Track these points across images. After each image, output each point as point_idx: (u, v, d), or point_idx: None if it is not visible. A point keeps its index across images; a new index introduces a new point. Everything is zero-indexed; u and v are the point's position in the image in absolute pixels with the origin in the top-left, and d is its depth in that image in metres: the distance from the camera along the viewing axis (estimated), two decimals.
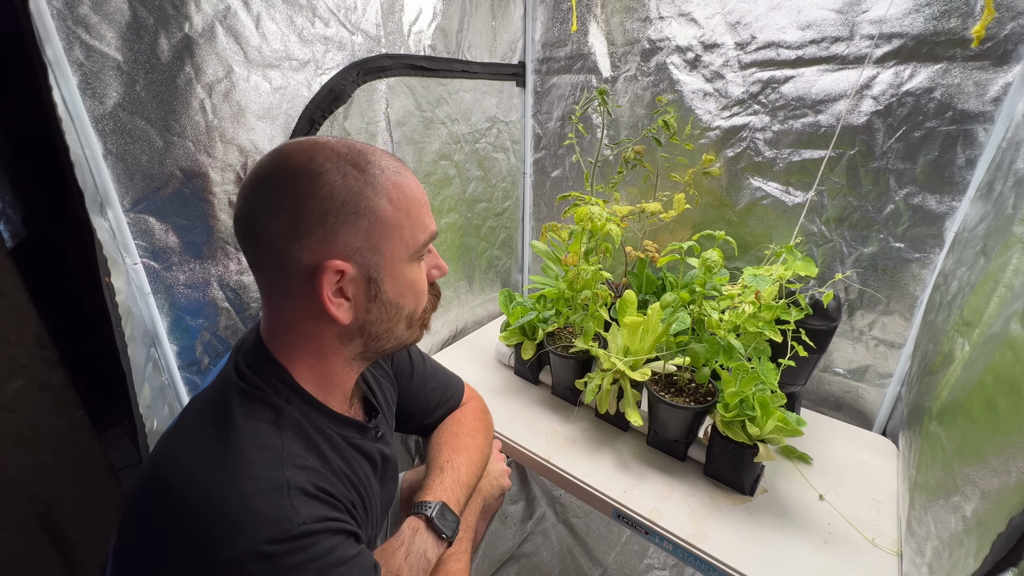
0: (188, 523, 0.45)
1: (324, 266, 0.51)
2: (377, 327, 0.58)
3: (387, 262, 0.55)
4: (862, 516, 0.84)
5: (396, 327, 0.60)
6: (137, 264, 0.77)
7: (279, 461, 0.50)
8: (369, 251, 0.53)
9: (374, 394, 0.74)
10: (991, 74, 0.84)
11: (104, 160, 0.71)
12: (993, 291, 0.61)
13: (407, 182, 0.57)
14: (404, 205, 0.55)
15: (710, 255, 0.86)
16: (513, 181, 1.58)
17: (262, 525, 0.45)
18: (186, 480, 0.48)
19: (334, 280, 0.52)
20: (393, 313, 0.58)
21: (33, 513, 0.89)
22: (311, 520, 0.48)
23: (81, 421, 0.92)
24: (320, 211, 0.50)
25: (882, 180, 0.98)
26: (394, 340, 0.61)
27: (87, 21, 0.67)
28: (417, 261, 0.59)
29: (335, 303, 0.53)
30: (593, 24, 1.31)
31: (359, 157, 0.54)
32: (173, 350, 0.85)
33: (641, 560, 1.43)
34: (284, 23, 0.88)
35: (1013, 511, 0.46)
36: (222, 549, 0.43)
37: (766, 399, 0.81)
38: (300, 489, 0.49)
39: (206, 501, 0.46)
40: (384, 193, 0.54)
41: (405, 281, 0.58)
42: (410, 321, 0.61)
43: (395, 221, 0.54)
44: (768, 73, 1.06)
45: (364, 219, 0.52)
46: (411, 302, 0.59)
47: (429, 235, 0.59)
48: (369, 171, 0.53)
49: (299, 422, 0.56)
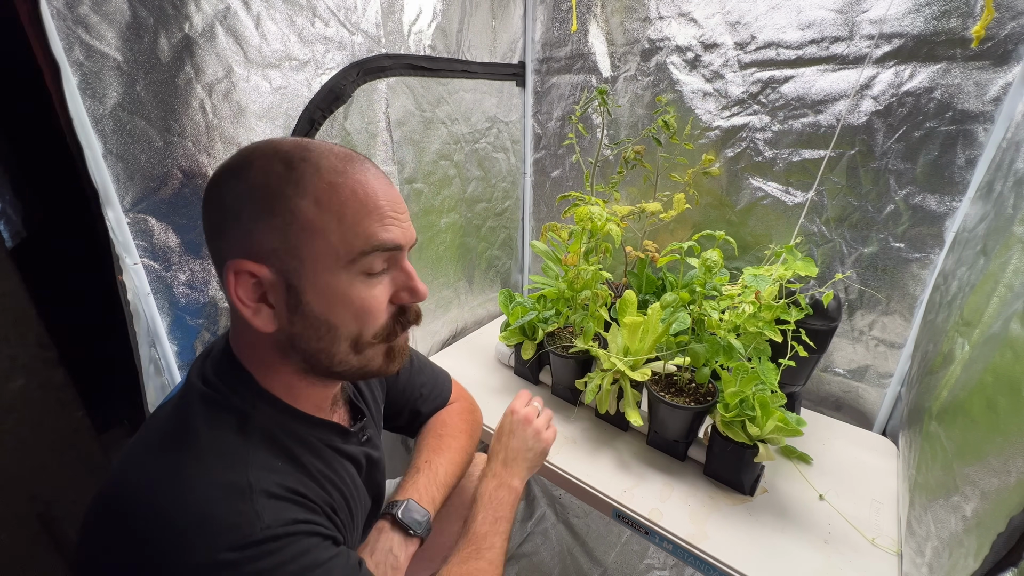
0: (146, 536, 0.42)
1: (231, 265, 0.48)
2: (308, 344, 0.51)
3: (309, 270, 0.49)
4: (862, 516, 0.84)
5: (334, 348, 0.52)
6: (137, 264, 0.77)
7: (243, 466, 0.47)
8: (286, 254, 0.48)
9: (362, 397, 0.72)
10: (991, 74, 0.84)
11: (104, 160, 0.71)
12: (993, 291, 0.61)
13: (351, 182, 0.50)
14: (336, 207, 0.49)
15: (710, 255, 0.86)
16: (513, 181, 1.58)
17: (221, 532, 0.42)
18: (143, 492, 0.45)
19: (248, 281, 0.49)
20: (324, 331, 0.51)
21: (33, 513, 0.89)
22: (277, 524, 0.45)
23: (81, 421, 0.92)
24: (236, 207, 0.48)
25: (882, 180, 0.98)
26: (345, 365, 0.53)
27: (87, 21, 0.66)
28: (357, 274, 0.51)
29: (252, 308, 0.49)
30: (593, 24, 1.31)
31: (297, 154, 0.50)
32: (173, 350, 0.85)
33: (641, 560, 1.43)
34: (284, 23, 0.88)
35: (1013, 511, 0.46)
36: (181, 561, 0.41)
37: (766, 399, 0.81)
38: (265, 492, 0.46)
39: (163, 512, 0.43)
40: (309, 192, 0.48)
41: (336, 295, 0.50)
42: (356, 345, 0.53)
43: (319, 224, 0.48)
44: (768, 73, 1.06)
45: (279, 219, 0.48)
46: (349, 322, 0.51)
47: (373, 245, 0.50)
48: (299, 168, 0.49)
49: (267, 427, 0.52)
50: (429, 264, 1.36)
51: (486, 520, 0.70)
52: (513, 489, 0.74)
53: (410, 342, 1.36)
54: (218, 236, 0.50)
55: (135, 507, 0.44)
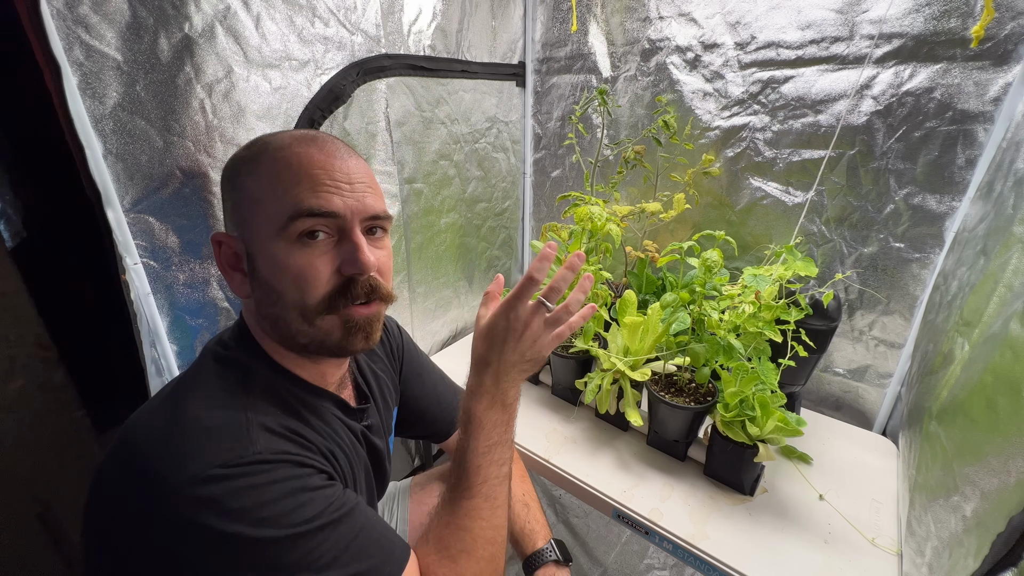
0: (146, 456, 0.45)
1: (212, 237, 0.56)
2: (266, 310, 0.55)
3: (257, 238, 0.53)
4: (862, 516, 0.84)
5: (286, 316, 0.54)
6: (137, 264, 0.77)
7: (242, 407, 0.50)
8: (242, 225, 0.54)
9: (369, 386, 0.74)
10: (991, 74, 0.84)
11: (104, 160, 0.71)
12: (993, 291, 0.61)
13: (286, 155, 0.53)
14: (271, 178, 0.53)
15: (710, 255, 0.86)
16: (513, 181, 1.58)
17: (215, 452, 0.45)
18: (148, 425, 0.48)
19: (226, 252, 0.56)
20: (274, 298, 0.54)
21: (33, 513, 0.89)
22: (269, 451, 0.47)
23: (81, 421, 0.92)
24: (221, 189, 0.58)
25: (882, 180, 0.98)
26: (304, 336, 0.55)
27: (87, 21, 0.66)
28: (294, 242, 0.52)
29: (228, 274, 0.56)
30: (593, 24, 1.31)
31: (260, 141, 0.56)
32: (173, 350, 0.85)
33: (641, 560, 1.43)
34: (284, 23, 0.88)
35: (1013, 511, 0.46)
36: (175, 476, 0.43)
37: (766, 399, 0.81)
38: (262, 425, 0.49)
39: (162, 435, 0.46)
40: (254, 168, 0.54)
41: (276, 262, 0.52)
42: (304, 314, 0.54)
43: (257, 195, 0.53)
44: (768, 73, 1.06)
45: (236, 192, 0.55)
46: (290, 289, 0.53)
47: (297, 210, 0.51)
48: (254, 148, 0.55)
49: (272, 383, 0.56)
50: (429, 264, 1.36)
51: (477, 450, 0.59)
52: (508, 407, 0.62)
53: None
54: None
55: (138, 438, 0.48)
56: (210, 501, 0.43)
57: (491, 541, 0.58)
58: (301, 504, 0.47)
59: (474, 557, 0.56)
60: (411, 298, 1.34)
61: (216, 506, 0.43)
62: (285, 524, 0.45)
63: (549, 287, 0.60)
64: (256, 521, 0.44)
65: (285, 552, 0.44)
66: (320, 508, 0.48)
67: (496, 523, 0.59)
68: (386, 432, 0.77)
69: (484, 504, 0.58)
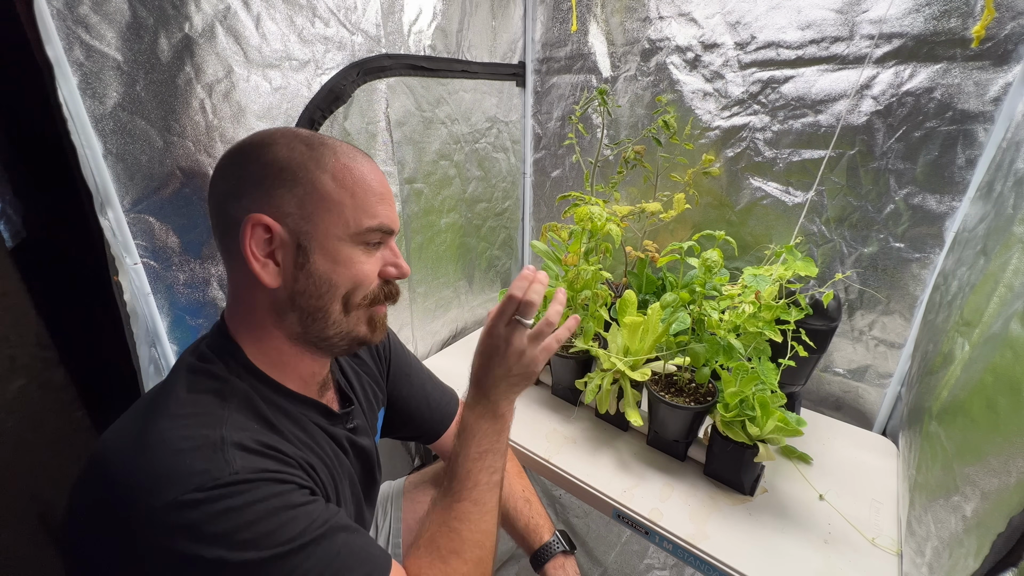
0: (117, 482, 0.44)
1: (249, 218, 0.52)
2: (308, 301, 0.56)
3: (320, 234, 0.54)
4: (862, 516, 0.84)
5: (330, 307, 0.57)
6: (137, 264, 0.77)
7: (217, 424, 0.49)
8: (302, 219, 0.54)
9: (352, 387, 0.74)
10: (991, 74, 0.84)
11: (104, 160, 0.71)
12: (993, 291, 0.61)
13: (360, 168, 0.57)
14: (350, 185, 0.55)
15: (710, 255, 0.86)
16: (513, 181, 1.58)
17: (190, 475, 0.44)
18: (118, 447, 0.47)
19: (262, 237, 0.53)
20: (325, 289, 0.56)
21: (33, 513, 0.89)
22: (247, 471, 0.46)
23: (81, 421, 0.92)
24: (260, 174, 0.53)
25: (882, 180, 0.98)
26: (333, 325, 0.58)
27: (87, 21, 0.66)
28: (360, 245, 0.57)
29: (260, 262, 0.53)
30: (593, 24, 1.31)
31: (315, 138, 0.56)
32: (173, 350, 0.85)
33: (641, 560, 1.43)
34: (284, 23, 0.88)
35: (1013, 511, 0.46)
36: (150, 502, 0.42)
37: (766, 399, 0.81)
38: (237, 444, 0.48)
39: (134, 460, 0.45)
40: (328, 169, 0.55)
41: (340, 258, 0.56)
42: (347, 304, 0.57)
43: (335, 197, 0.55)
44: (768, 73, 1.06)
45: (300, 188, 0.54)
46: (347, 282, 0.57)
47: (377, 224, 0.57)
48: (319, 150, 0.55)
49: (249, 395, 0.55)
50: (429, 264, 1.36)
51: (468, 456, 0.63)
52: (499, 417, 0.66)
53: (410, 345, 1.36)
54: (234, 200, 0.54)
55: (110, 460, 0.47)
56: (188, 527, 0.42)
57: (479, 544, 0.59)
58: (283, 523, 0.46)
59: (463, 558, 0.58)
60: (411, 298, 1.34)
61: (194, 532, 0.42)
62: (267, 545, 0.44)
63: (522, 302, 0.63)
64: (237, 544, 0.43)
65: (269, 574, 0.44)
66: (302, 526, 0.47)
67: (484, 528, 0.61)
68: (372, 433, 0.77)
69: (473, 508, 0.61)
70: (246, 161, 0.54)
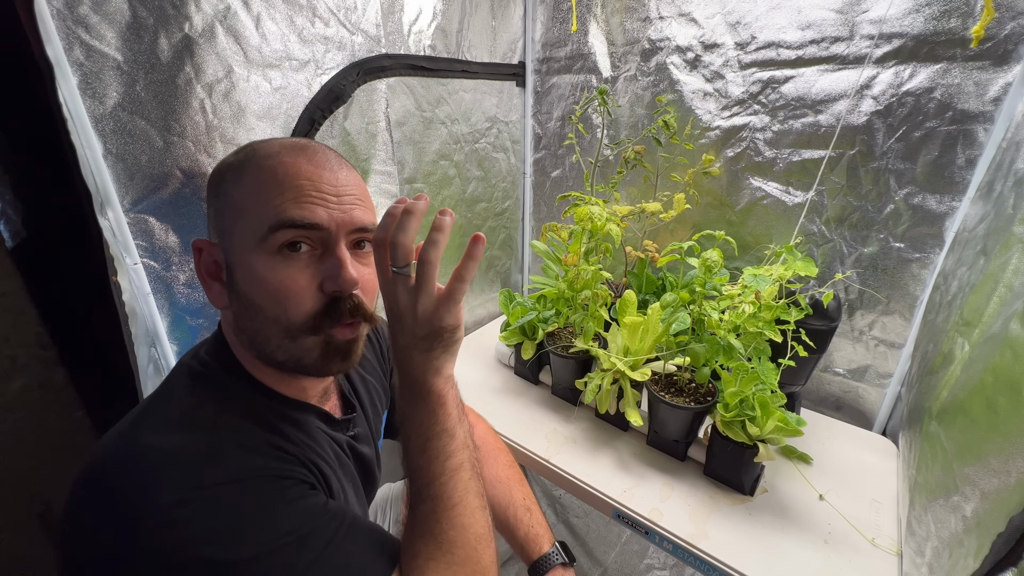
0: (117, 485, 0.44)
1: (193, 243, 0.54)
2: (244, 324, 0.52)
3: (236, 248, 0.51)
4: (862, 516, 0.84)
5: (266, 330, 0.51)
6: (137, 264, 0.77)
7: (215, 425, 0.48)
8: (223, 234, 0.52)
9: (356, 393, 0.73)
10: (991, 74, 0.84)
11: (104, 160, 0.71)
12: (993, 291, 0.61)
13: (271, 164, 0.51)
14: (256, 186, 0.50)
15: (710, 255, 0.86)
16: (513, 181, 1.58)
17: (186, 475, 0.43)
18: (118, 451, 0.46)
19: (207, 260, 0.54)
20: (252, 312, 0.51)
21: (33, 513, 0.89)
22: (242, 470, 0.46)
23: (81, 421, 0.92)
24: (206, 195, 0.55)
25: (882, 180, 0.98)
26: (279, 350, 0.52)
27: (87, 21, 0.67)
28: (274, 253, 0.50)
29: (207, 283, 0.54)
30: (593, 24, 1.31)
31: (251, 146, 0.54)
32: (173, 350, 0.85)
33: (641, 560, 1.43)
34: (284, 23, 0.88)
35: (1013, 511, 0.46)
36: (146, 503, 0.42)
37: (766, 399, 0.81)
38: (236, 443, 0.48)
39: (133, 463, 0.44)
40: (239, 176, 0.52)
41: (255, 274, 0.50)
42: (288, 331, 0.51)
43: (240, 204, 0.50)
44: (768, 73, 1.06)
45: (219, 200, 0.53)
46: (270, 304, 0.50)
47: (278, 220, 0.49)
48: (241, 155, 0.53)
49: (249, 400, 0.54)
50: None
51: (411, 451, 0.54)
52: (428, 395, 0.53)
53: None
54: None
55: (108, 462, 0.46)
56: (181, 525, 0.41)
57: (456, 544, 0.51)
58: (275, 520, 0.45)
59: (442, 563, 0.51)
60: None
61: (189, 530, 0.41)
62: (258, 542, 0.43)
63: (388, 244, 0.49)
64: (228, 542, 0.42)
65: (263, 570, 0.43)
66: (299, 521, 0.46)
67: (459, 523, 0.52)
68: (375, 438, 0.76)
69: (437, 506, 0.52)
70: None
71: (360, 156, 1.08)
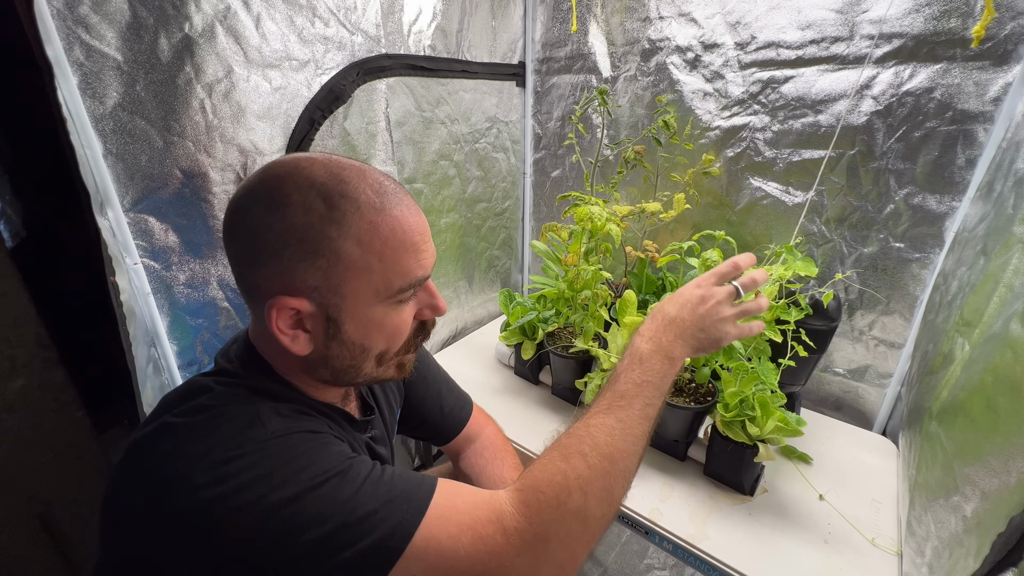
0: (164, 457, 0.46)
1: (274, 302, 0.49)
2: (341, 363, 0.55)
3: (350, 304, 0.51)
4: (862, 516, 0.84)
5: (363, 364, 0.56)
6: (137, 264, 0.77)
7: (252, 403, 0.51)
8: (328, 291, 0.50)
9: (373, 395, 0.74)
10: (991, 74, 0.84)
11: (104, 160, 0.71)
12: (993, 291, 0.61)
13: (387, 222, 0.51)
14: (378, 248, 0.50)
15: (710, 255, 0.86)
16: (513, 181, 1.58)
17: (230, 438, 0.46)
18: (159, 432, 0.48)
19: (289, 315, 0.50)
20: (358, 352, 0.55)
21: (33, 513, 0.89)
22: (282, 430, 0.48)
23: (81, 421, 0.92)
24: (276, 245, 0.48)
25: (882, 180, 0.98)
26: (363, 376, 0.58)
27: (87, 21, 0.66)
28: (394, 305, 0.54)
29: (290, 335, 0.51)
30: (593, 24, 1.31)
31: (335, 188, 0.49)
32: (173, 350, 0.85)
33: (641, 560, 1.43)
34: (284, 23, 0.88)
35: (1013, 511, 0.46)
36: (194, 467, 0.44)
37: (766, 399, 0.81)
38: (275, 411, 0.50)
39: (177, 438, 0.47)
40: (352, 234, 0.49)
41: (373, 324, 0.54)
42: (380, 360, 0.57)
43: (362, 264, 0.50)
44: (768, 73, 1.06)
45: (323, 259, 0.49)
46: (381, 343, 0.55)
47: (410, 281, 0.53)
48: (340, 207, 0.49)
49: (278, 392, 0.56)
50: None
51: (631, 379, 0.59)
52: (672, 360, 0.62)
53: None
54: (254, 266, 0.51)
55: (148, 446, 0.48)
56: (229, 478, 0.43)
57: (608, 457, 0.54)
58: (318, 459, 0.47)
59: (587, 462, 0.52)
60: None
61: (235, 481, 0.43)
62: (305, 479, 0.45)
63: (750, 277, 0.65)
64: (276, 484, 0.44)
65: (310, 504, 0.44)
66: (337, 460, 0.48)
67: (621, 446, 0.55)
68: (390, 437, 0.77)
69: (617, 424, 0.56)
70: (257, 225, 0.49)
71: (360, 156, 1.08)
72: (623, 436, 0.56)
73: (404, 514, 0.46)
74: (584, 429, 0.56)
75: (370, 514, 0.45)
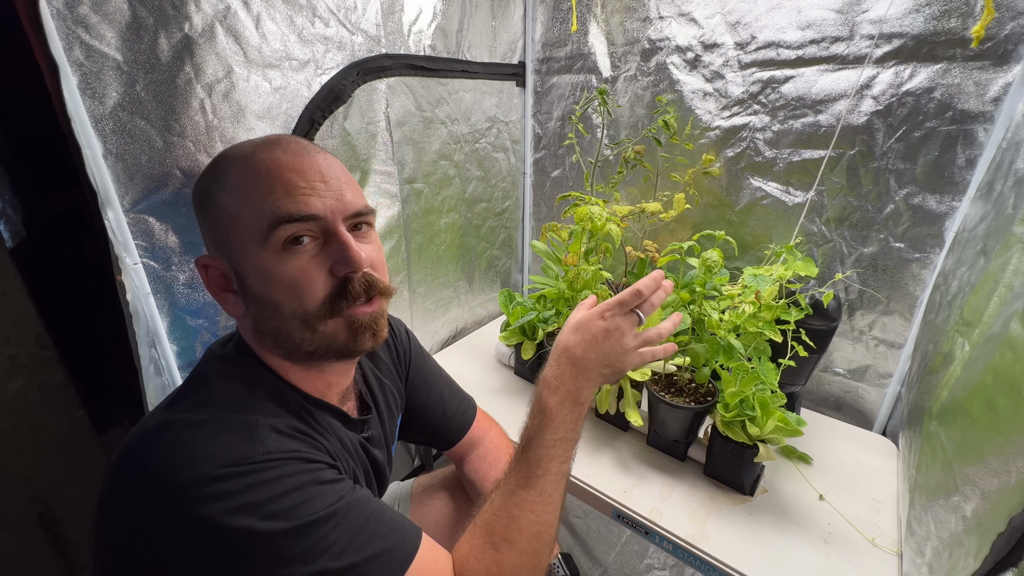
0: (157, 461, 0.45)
1: (197, 261, 0.54)
2: (264, 325, 0.54)
3: (241, 254, 0.52)
4: (862, 516, 0.84)
5: (287, 326, 0.53)
6: (137, 264, 0.77)
7: (250, 408, 0.51)
8: (224, 244, 0.53)
9: (373, 397, 0.73)
10: (991, 74, 0.84)
11: (104, 160, 0.71)
12: (993, 291, 0.61)
13: (252, 165, 0.52)
14: (244, 191, 0.51)
15: (710, 255, 0.86)
16: (513, 181, 1.58)
17: (226, 453, 0.45)
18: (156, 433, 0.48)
19: (214, 274, 0.54)
20: (271, 311, 0.52)
21: (33, 513, 0.89)
22: (278, 451, 0.48)
23: (81, 421, 0.92)
24: (195, 210, 0.56)
25: (882, 180, 0.98)
26: (305, 343, 0.54)
27: (87, 21, 0.66)
28: (279, 250, 0.51)
29: (220, 296, 0.55)
30: (593, 24, 1.31)
31: (223, 154, 0.55)
32: (173, 350, 0.85)
33: (641, 560, 1.43)
34: (284, 23, 0.88)
35: (1013, 511, 0.46)
36: (187, 477, 0.43)
37: (766, 399, 0.81)
38: (271, 427, 0.50)
39: (173, 441, 0.46)
40: (224, 184, 0.53)
41: (267, 275, 0.51)
42: (305, 321, 0.53)
43: (233, 210, 0.52)
44: (768, 73, 1.06)
45: (211, 213, 0.53)
46: (286, 298, 0.52)
47: (275, 218, 0.50)
48: (220, 164, 0.54)
49: (277, 389, 0.56)
50: (429, 264, 1.36)
51: (543, 443, 0.59)
52: (580, 404, 0.62)
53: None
54: None
55: (147, 442, 0.48)
56: (222, 497, 0.43)
57: (537, 536, 0.56)
58: (312, 496, 0.47)
59: (516, 549, 0.55)
60: (411, 298, 1.34)
61: (228, 502, 0.43)
62: (297, 516, 0.45)
63: (648, 302, 0.62)
64: (268, 515, 0.44)
65: (299, 542, 0.45)
66: (330, 500, 0.48)
67: (546, 519, 0.57)
68: (389, 441, 0.76)
69: (538, 498, 0.57)
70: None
71: (360, 156, 1.08)
72: (544, 508, 0.57)
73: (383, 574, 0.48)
74: (506, 509, 0.57)
75: (353, 567, 0.46)
